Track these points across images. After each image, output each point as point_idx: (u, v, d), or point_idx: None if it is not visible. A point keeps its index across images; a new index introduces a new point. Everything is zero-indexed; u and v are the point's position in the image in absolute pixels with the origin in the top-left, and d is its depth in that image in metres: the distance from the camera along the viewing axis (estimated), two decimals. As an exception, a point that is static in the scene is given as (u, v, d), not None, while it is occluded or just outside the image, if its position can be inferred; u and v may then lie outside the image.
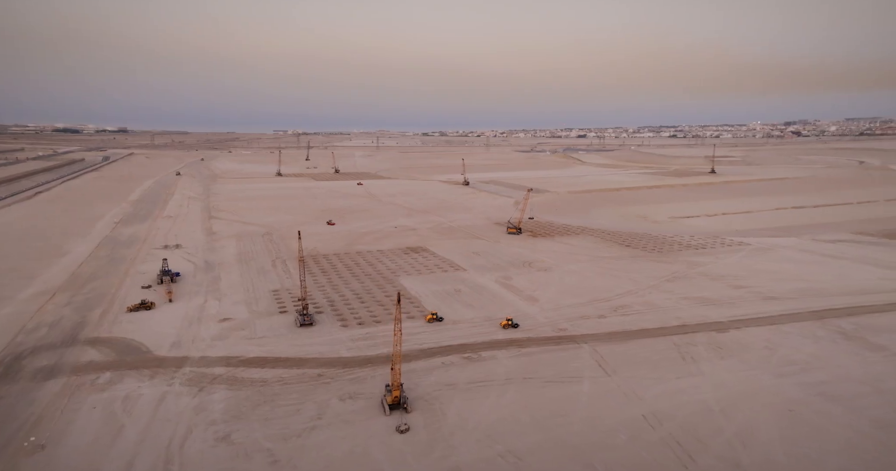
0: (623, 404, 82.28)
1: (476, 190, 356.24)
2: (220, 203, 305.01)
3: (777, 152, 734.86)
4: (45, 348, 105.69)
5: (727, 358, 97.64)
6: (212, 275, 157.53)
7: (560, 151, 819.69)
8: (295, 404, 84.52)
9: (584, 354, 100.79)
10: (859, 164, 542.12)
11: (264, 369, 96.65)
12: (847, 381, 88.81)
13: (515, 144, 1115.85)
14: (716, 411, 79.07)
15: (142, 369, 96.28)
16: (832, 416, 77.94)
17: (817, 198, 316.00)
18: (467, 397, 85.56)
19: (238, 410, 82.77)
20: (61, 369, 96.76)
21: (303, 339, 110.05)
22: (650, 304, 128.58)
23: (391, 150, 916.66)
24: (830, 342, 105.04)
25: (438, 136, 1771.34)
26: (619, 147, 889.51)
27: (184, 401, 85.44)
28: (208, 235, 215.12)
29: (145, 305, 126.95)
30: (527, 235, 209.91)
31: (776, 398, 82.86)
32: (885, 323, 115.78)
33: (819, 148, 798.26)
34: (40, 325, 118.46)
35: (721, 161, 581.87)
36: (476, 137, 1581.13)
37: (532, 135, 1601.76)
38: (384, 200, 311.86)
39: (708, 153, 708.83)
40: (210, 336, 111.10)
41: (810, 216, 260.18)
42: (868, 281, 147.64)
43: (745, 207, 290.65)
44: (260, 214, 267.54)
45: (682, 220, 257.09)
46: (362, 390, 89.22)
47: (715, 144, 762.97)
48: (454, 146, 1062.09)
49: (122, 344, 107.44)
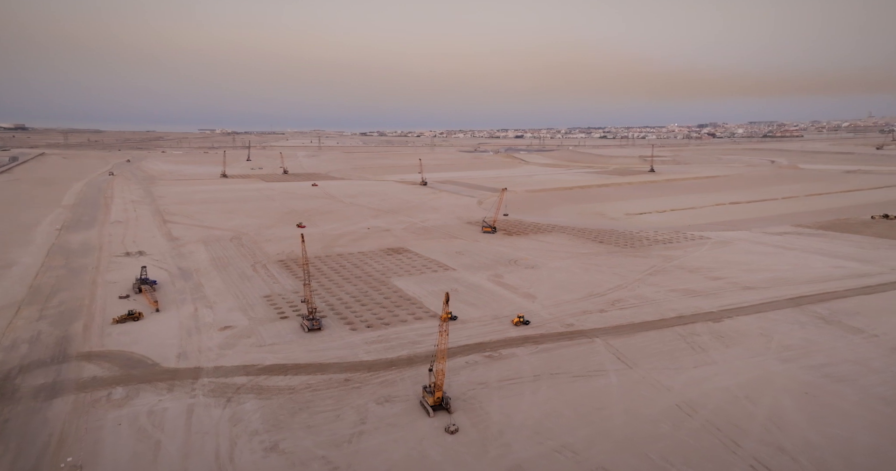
0: (654, 394, 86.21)
1: (435, 190, 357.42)
2: (170, 207, 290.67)
3: (699, 152, 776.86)
4: (35, 366, 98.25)
5: (731, 346, 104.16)
6: (192, 282, 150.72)
7: (502, 151, 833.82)
8: (333, 410, 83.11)
9: (600, 348, 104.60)
10: (771, 163, 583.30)
11: (287, 377, 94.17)
12: (843, 362, 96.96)
13: (457, 145, 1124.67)
14: (741, 398, 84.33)
15: (155, 383, 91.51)
16: (844, 396, 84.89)
17: (747, 194, 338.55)
18: (504, 395, 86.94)
19: (276, 418, 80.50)
20: (64, 386, 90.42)
21: (315, 344, 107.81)
22: (642, 297, 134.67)
23: (334, 150, 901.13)
24: (815, 327, 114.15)
25: (377, 136, 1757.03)
26: (558, 147, 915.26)
27: (215, 412, 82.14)
28: (171, 241, 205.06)
29: (133, 316, 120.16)
30: (502, 233, 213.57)
31: (789, 382, 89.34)
32: (852, 307, 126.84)
33: (733, 148, 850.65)
34: (17, 341, 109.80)
35: (655, 160, 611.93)
36: (416, 137, 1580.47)
37: (471, 135, 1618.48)
38: (346, 202, 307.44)
39: (639, 153, 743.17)
40: (216, 345, 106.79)
41: (747, 211, 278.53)
42: (823, 269, 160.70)
43: (688, 203, 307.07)
44: (219, 217, 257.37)
45: (636, 216, 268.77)
46: (396, 392, 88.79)
47: (653, 145, 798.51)
48: (396, 146, 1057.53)
49: (122, 357, 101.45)
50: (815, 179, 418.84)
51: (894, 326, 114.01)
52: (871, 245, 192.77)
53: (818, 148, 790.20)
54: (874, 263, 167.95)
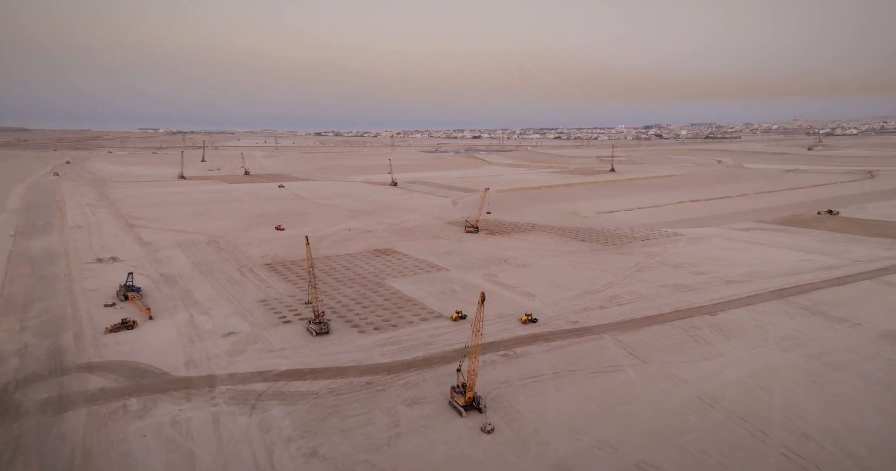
0: (673, 387, 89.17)
1: (407, 191, 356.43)
2: (132, 210, 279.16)
3: (650, 153, 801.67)
4: (32, 379, 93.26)
5: (732, 338, 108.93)
6: (179, 288, 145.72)
7: (462, 151, 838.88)
8: (362, 414, 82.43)
9: (610, 343, 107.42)
10: (718, 163, 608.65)
11: (307, 382, 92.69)
12: (836, 351, 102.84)
13: (416, 145, 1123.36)
14: (755, 388, 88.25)
15: (170, 392, 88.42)
16: (846, 383, 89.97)
17: (704, 192, 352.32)
18: (529, 393, 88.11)
19: (307, 424, 79.24)
20: (71, 399, 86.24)
21: (327, 348, 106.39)
22: (636, 293, 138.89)
23: (291, 150, 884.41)
24: (802, 318, 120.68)
25: (333, 136, 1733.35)
26: (517, 148, 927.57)
27: (242, 420, 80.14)
28: (143, 246, 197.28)
29: (126, 325, 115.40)
30: (484, 233, 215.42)
31: (794, 371, 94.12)
32: (830, 298, 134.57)
33: (681, 149, 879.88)
34: (4, 354, 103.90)
35: (609, 161, 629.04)
36: (373, 137, 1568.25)
37: (429, 135, 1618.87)
38: (318, 203, 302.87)
39: (595, 153, 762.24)
40: (224, 352, 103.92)
41: (707, 209, 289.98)
42: (794, 263, 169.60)
43: (651, 201, 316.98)
44: (188, 220, 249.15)
45: (606, 215, 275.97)
46: (421, 394, 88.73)
47: (613, 146, 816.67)
48: (355, 147, 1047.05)
49: (126, 367, 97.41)
50: (761, 177, 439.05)
51: (872, 315, 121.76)
52: (829, 239, 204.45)
53: (756, 149, 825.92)
54: (837, 255, 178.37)
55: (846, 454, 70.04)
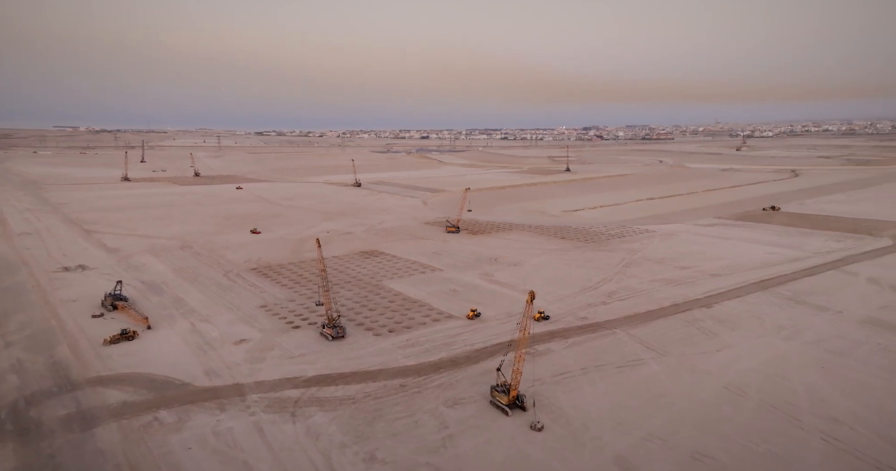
0: (699, 379, 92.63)
1: (372, 192, 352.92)
2: (83, 215, 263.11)
3: (595, 153, 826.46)
4: (42, 396, 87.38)
5: (736, 329, 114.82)
6: (168, 296, 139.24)
7: (413, 151, 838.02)
8: (407, 417, 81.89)
9: (624, 338, 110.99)
10: (660, 163, 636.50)
11: (339, 387, 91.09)
12: (831, 338, 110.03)
13: (365, 145, 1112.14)
14: (773, 376, 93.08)
15: (199, 403, 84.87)
16: (853, 368, 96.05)
17: (656, 190, 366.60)
18: (564, 390, 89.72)
19: (356, 429, 78.03)
20: (95, 414, 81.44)
21: (348, 352, 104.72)
22: (632, 288, 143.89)
23: (236, 150, 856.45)
24: (790, 308, 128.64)
25: (276, 135, 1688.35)
26: (468, 148, 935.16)
27: (287, 428, 78.05)
28: (110, 253, 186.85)
29: (126, 336, 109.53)
30: (465, 233, 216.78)
31: (802, 359, 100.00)
32: (806, 288, 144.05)
33: (623, 149, 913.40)
34: None
35: (561, 160, 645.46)
36: (318, 137, 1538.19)
37: (376, 135, 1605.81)
38: (284, 205, 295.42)
39: (545, 154, 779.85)
40: (242, 360, 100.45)
41: (665, 206, 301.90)
42: (762, 256, 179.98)
43: (611, 200, 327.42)
44: (150, 225, 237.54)
45: (573, 213, 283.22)
46: (459, 394, 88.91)
47: (568, 147, 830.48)
48: (302, 147, 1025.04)
49: (142, 379, 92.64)
50: (702, 176, 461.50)
51: (849, 302, 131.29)
52: (785, 233, 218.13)
53: (691, 149, 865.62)
54: (797, 248, 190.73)
55: (879, 437, 75.03)
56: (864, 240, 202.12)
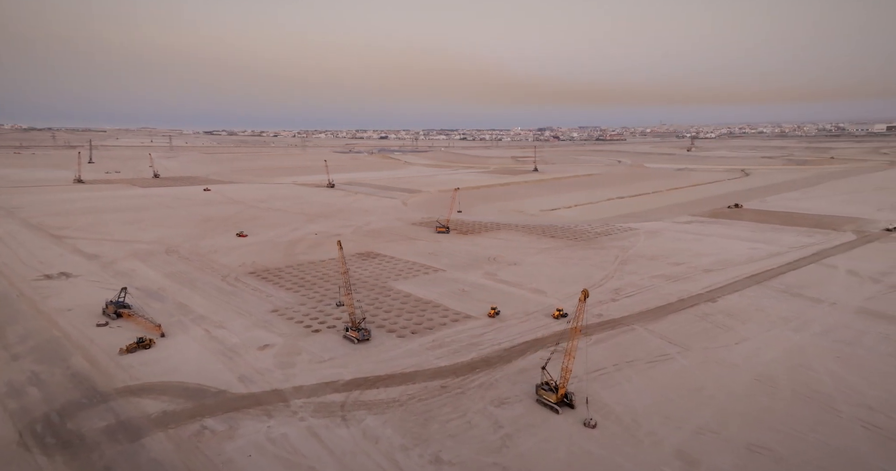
0: (728, 372, 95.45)
1: (347, 193, 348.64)
2: (45, 220, 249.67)
3: (555, 153, 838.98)
4: (73, 408, 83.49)
5: (746, 322, 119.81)
6: (170, 302, 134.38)
7: (376, 151, 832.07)
8: (458, 417, 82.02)
9: (644, 334, 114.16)
10: (618, 163, 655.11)
11: (380, 389, 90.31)
12: (836, 328, 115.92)
13: (322, 145, 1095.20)
14: (798, 366, 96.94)
15: (243, 410, 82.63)
16: (865, 357, 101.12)
17: (624, 189, 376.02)
18: (604, 386, 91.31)
19: (411, 432, 77.67)
20: (137, 424, 78.31)
21: (377, 354, 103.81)
22: (635, 285, 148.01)
23: (190, 150, 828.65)
24: (787, 300, 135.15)
25: (227, 135, 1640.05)
26: (430, 148, 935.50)
27: (341, 432, 77.00)
28: (91, 259, 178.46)
29: (143, 344, 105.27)
30: (455, 233, 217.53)
31: (817, 349, 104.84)
32: (795, 281, 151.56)
33: (581, 150, 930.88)
34: (17, 385, 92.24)
35: (525, 161, 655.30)
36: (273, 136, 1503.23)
37: (334, 136, 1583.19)
38: (261, 207, 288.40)
39: (506, 154, 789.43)
40: (273, 366, 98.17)
41: (637, 204, 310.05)
42: (745, 251, 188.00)
43: (584, 199, 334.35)
44: (124, 229, 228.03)
45: (550, 212, 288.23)
46: (503, 394, 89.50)
47: (535, 147, 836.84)
48: (258, 147, 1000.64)
49: (175, 388, 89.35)
50: (662, 176, 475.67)
51: (839, 294, 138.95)
52: (758, 229, 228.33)
53: (644, 150, 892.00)
54: (773, 243, 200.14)
55: (917, 420, 79.83)
56: (831, 235, 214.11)
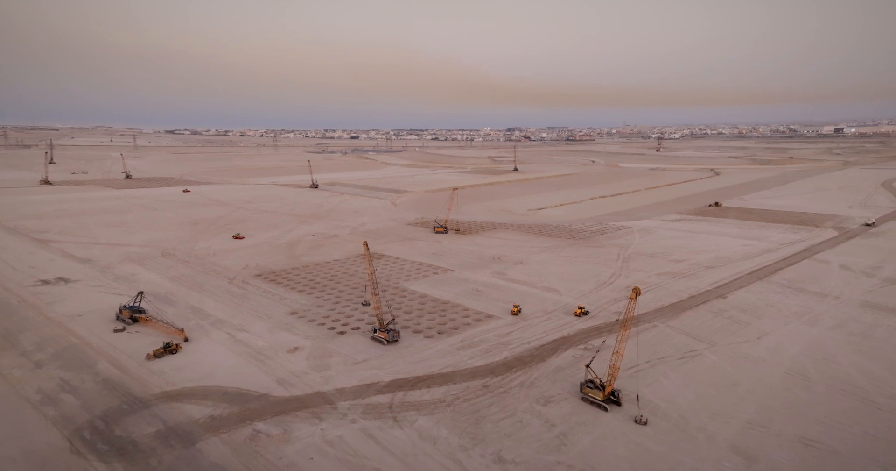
0: (758, 367, 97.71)
1: (332, 193, 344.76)
2: (24, 223, 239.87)
3: (529, 153, 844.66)
4: (116, 415, 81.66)
5: (761, 317, 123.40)
6: (182, 307, 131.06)
7: (349, 151, 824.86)
8: (508, 417, 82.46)
9: (667, 330, 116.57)
10: (592, 163, 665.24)
11: (422, 390, 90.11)
12: (846, 322, 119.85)
13: (293, 145, 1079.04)
14: (823, 360, 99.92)
15: (292, 413, 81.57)
16: (882, 349, 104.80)
17: (605, 189, 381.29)
18: (644, 384, 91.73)
19: (466, 431, 77.81)
20: (186, 430, 76.90)
21: (410, 355, 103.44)
22: (644, 282, 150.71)
23: (157, 150, 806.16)
24: (792, 295, 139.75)
25: (190, 134, 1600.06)
26: (405, 148, 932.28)
27: (397, 433, 76.72)
28: (84, 264, 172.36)
29: (170, 349, 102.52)
30: (453, 233, 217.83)
31: (836, 343, 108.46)
32: (794, 276, 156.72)
33: (554, 150, 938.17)
34: (49, 392, 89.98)
35: (501, 161, 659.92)
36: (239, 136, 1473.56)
37: (303, 135, 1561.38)
38: (248, 208, 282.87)
39: (481, 154, 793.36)
40: (308, 368, 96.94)
41: (621, 203, 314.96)
42: (739, 248, 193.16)
43: (568, 198, 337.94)
44: (110, 232, 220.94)
45: (538, 211, 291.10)
46: (547, 392, 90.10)
47: (515, 147, 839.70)
48: (226, 146, 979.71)
49: (215, 393, 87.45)
50: (637, 175, 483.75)
51: (839, 288, 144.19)
52: (745, 226, 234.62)
53: (614, 150, 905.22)
54: (764, 240, 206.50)
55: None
56: (814, 231, 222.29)
